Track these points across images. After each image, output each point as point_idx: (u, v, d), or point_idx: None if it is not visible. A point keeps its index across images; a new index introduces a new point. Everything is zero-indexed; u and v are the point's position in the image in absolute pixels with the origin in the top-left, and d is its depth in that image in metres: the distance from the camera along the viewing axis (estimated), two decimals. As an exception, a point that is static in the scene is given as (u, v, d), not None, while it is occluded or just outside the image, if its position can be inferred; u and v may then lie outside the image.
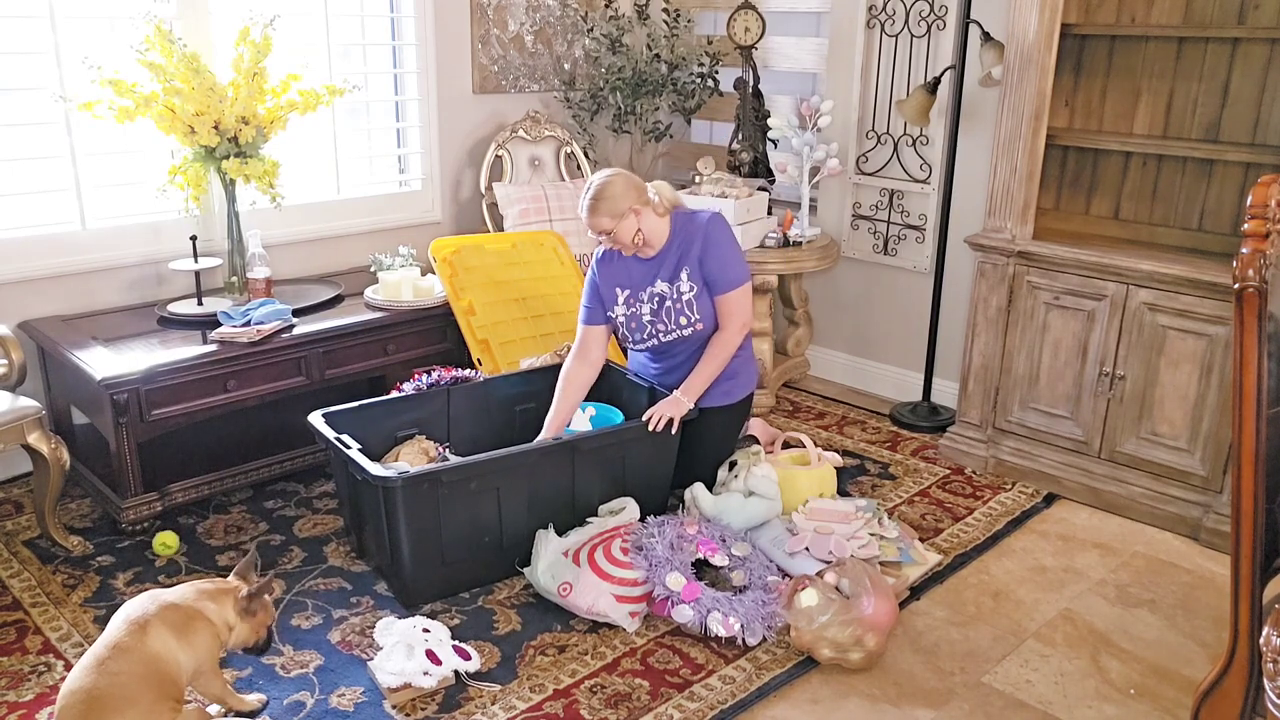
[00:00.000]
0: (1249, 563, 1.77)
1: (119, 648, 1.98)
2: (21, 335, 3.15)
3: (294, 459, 3.32)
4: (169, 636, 2.04)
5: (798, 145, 3.95)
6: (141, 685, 1.96)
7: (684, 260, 2.99)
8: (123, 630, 2.01)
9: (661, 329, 3.03)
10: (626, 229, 2.92)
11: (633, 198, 2.91)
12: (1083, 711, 2.37)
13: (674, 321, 3.00)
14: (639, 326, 3.06)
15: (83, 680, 1.94)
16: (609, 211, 2.90)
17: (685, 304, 2.98)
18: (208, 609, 2.13)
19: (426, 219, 4.21)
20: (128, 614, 2.06)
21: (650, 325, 3.04)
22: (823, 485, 3.09)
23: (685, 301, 2.98)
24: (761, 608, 2.59)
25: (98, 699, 1.92)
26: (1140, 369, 3.18)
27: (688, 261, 2.98)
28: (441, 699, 2.35)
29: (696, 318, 2.99)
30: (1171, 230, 3.40)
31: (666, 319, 3.01)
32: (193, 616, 2.10)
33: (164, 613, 2.06)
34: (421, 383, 3.08)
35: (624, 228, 2.92)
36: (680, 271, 2.99)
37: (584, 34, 4.48)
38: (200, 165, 3.29)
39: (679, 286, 2.99)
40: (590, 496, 2.89)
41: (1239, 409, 1.74)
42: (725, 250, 2.99)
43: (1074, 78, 3.49)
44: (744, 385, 3.15)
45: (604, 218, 2.91)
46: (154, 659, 2.00)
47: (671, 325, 3.01)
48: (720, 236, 3.00)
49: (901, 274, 4.12)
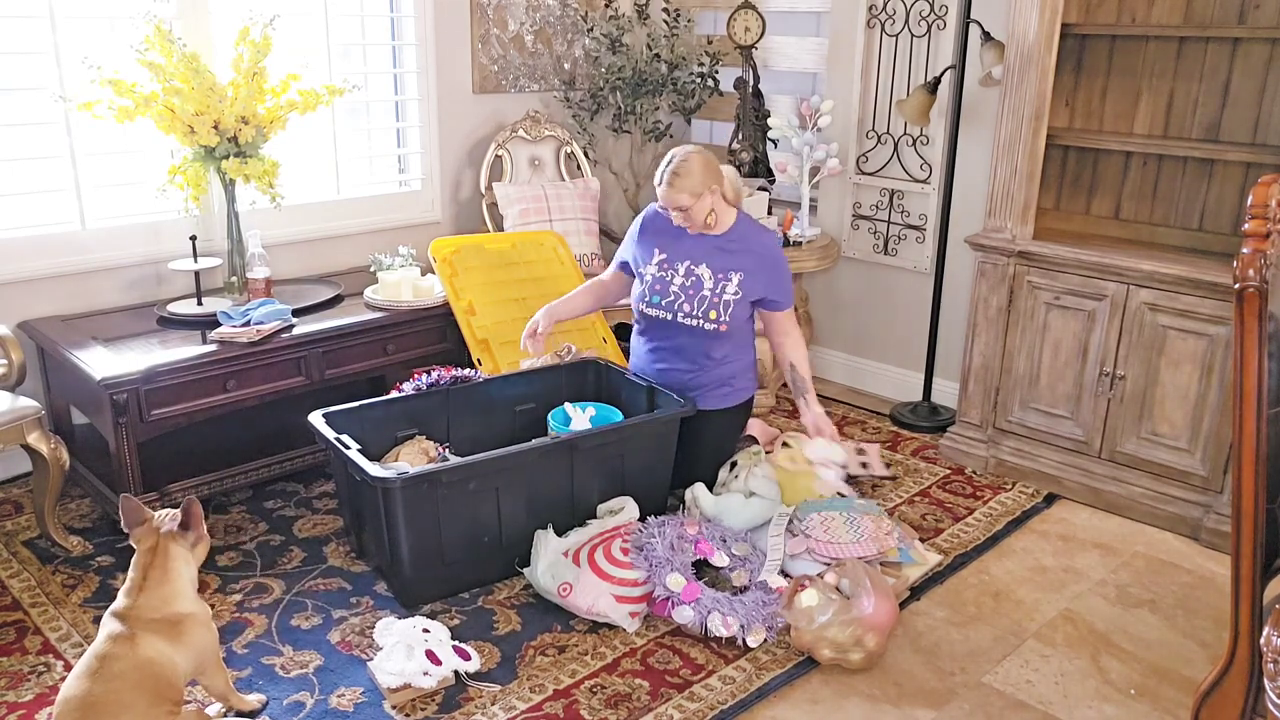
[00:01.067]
0: (1249, 563, 1.77)
1: (110, 657, 1.96)
2: (21, 335, 3.15)
3: (294, 459, 3.32)
4: (160, 642, 2.02)
5: (798, 145, 3.95)
6: (135, 692, 1.94)
7: (741, 265, 3.01)
8: (110, 641, 1.99)
9: (684, 309, 3.03)
10: (702, 208, 2.96)
11: (711, 178, 2.95)
12: (1083, 712, 2.37)
13: (700, 310, 3.01)
14: (663, 291, 3.06)
15: (77, 688, 1.93)
16: (689, 189, 2.93)
17: (722, 303, 2.99)
18: (187, 597, 2.10)
19: (426, 219, 4.21)
20: (109, 629, 2.02)
21: (675, 298, 3.04)
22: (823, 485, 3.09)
23: (723, 301, 2.99)
24: (762, 608, 2.59)
25: (92, 706, 1.90)
26: (1140, 369, 3.18)
27: (745, 269, 3.01)
28: (441, 699, 2.35)
29: (725, 319, 3.00)
30: (1172, 230, 3.40)
31: (695, 304, 3.01)
32: (179, 619, 2.07)
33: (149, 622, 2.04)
34: (421, 383, 3.08)
35: (700, 206, 2.96)
36: (732, 272, 3.01)
37: (584, 34, 4.48)
38: (200, 165, 3.28)
39: (724, 285, 3.00)
40: (589, 496, 2.89)
41: (1239, 409, 1.74)
42: (787, 274, 3.10)
43: (1074, 78, 3.49)
44: (744, 389, 3.16)
45: (683, 194, 2.93)
46: (147, 664, 1.98)
47: (696, 311, 3.01)
48: (783, 260, 3.11)
49: (902, 274, 4.12)
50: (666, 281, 3.06)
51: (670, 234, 3.09)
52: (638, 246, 3.16)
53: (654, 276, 3.08)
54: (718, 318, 3.00)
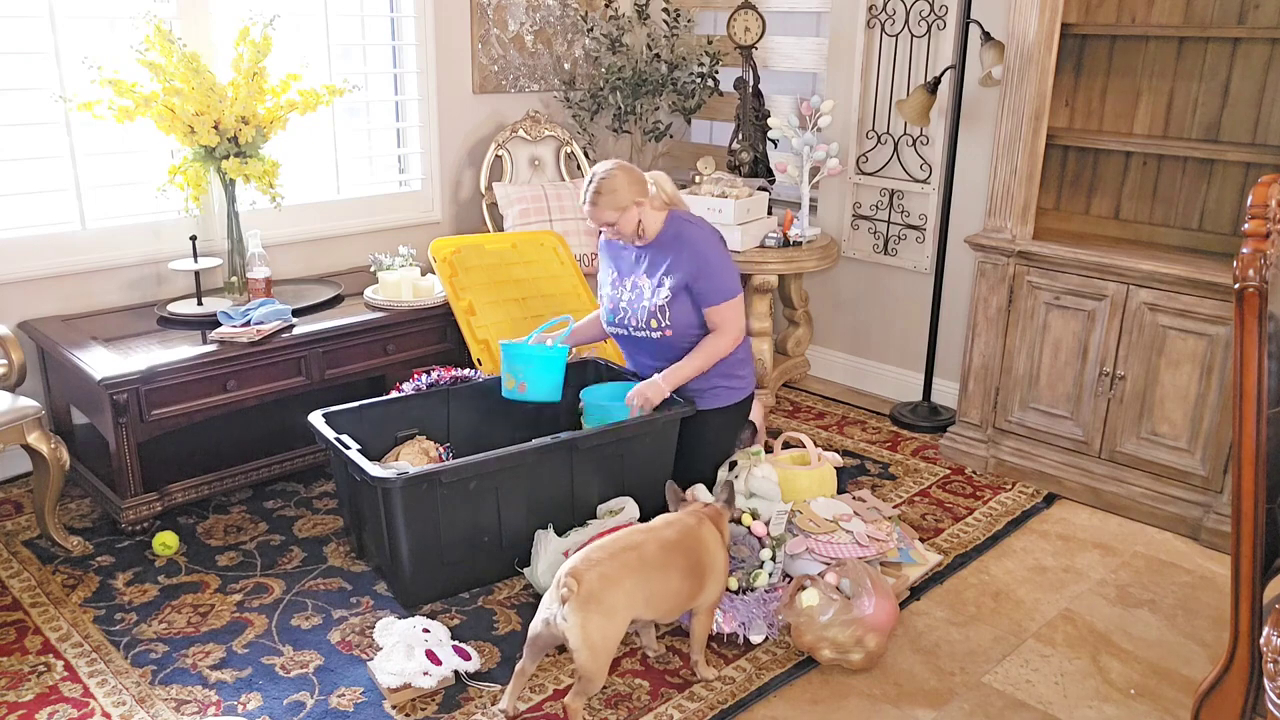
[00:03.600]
0: (1249, 563, 1.77)
1: (680, 522, 2.41)
2: (21, 335, 3.15)
3: (294, 459, 3.32)
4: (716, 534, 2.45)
5: (798, 145, 3.95)
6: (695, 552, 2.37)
7: (671, 266, 2.98)
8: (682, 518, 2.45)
9: (632, 323, 3.07)
10: (628, 221, 2.95)
11: (635, 191, 2.93)
12: (1083, 712, 2.37)
13: (643, 320, 3.03)
14: (615, 309, 3.12)
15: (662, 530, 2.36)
16: (612, 205, 2.92)
17: (658, 309, 2.98)
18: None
19: (426, 219, 4.21)
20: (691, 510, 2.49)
21: (625, 314, 3.09)
22: (823, 485, 3.09)
23: (658, 307, 2.98)
24: (763, 606, 2.59)
25: (672, 543, 2.32)
26: (1140, 369, 3.18)
27: (674, 269, 2.97)
28: (441, 699, 2.35)
29: (667, 323, 2.99)
30: (1172, 230, 3.40)
31: (639, 316, 3.04)
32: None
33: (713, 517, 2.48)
34: (421, 383, 3.08)
35: (626, 220, 2.95)
36: (664, 276, 2.99)
37: (584, 34, 4.48)
38: (200, 165, 3.28)
39: (658, 290, 2.99)
40: (589, 496, 2.89)
41: (1239, 409, 1.74)
42: (716, 264, 2.97)
43: (1074, 78, 3.49)
44: (742, 389, 3.15)
45: (607, 210, 2.93)
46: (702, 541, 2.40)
47: (641, 323, 3.04)
48: (711, 250, 2.99)
49: (901, 274, 4.12)
50: (616, 299, 3.11)
51: (620, 253, 3.14)
52: (600, 271, 3.22)
53: (608, 296, 3.15)
54: (659, 324, 3.00)
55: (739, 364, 3.12)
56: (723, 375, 3.07)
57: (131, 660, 2.46)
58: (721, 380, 3.07)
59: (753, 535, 2.72)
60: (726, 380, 3.09)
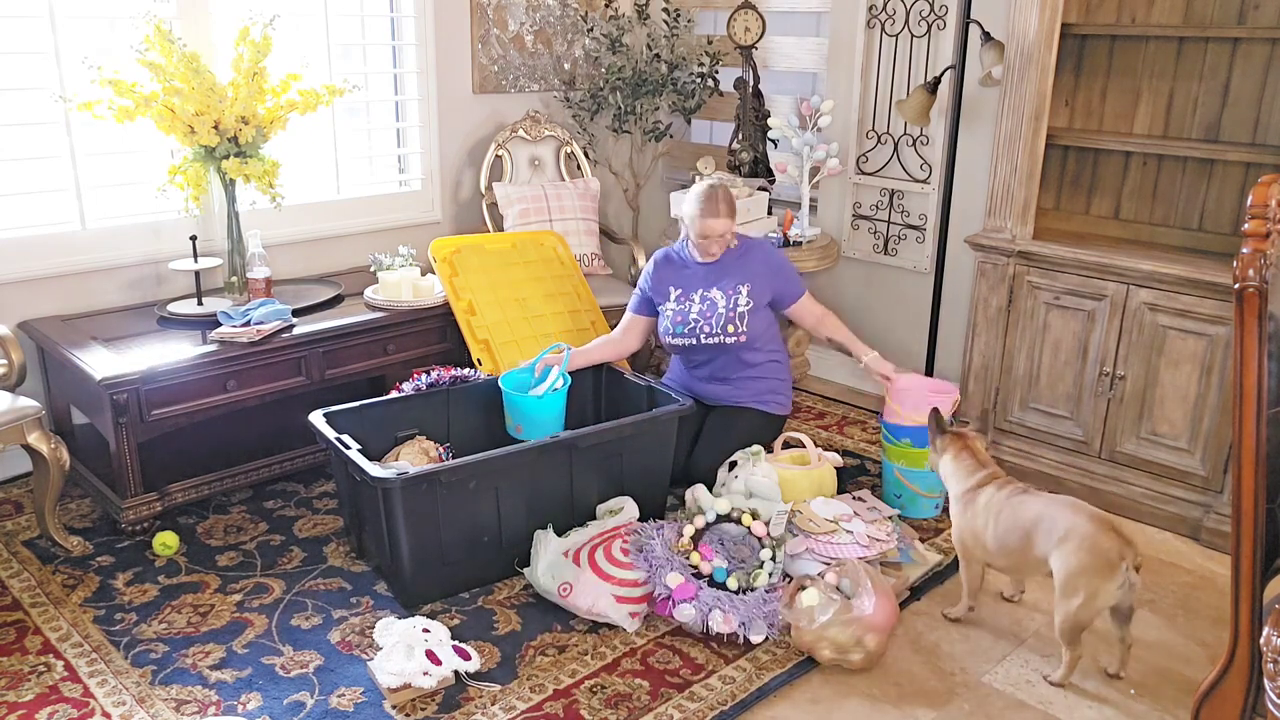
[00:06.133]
0: (1249, 563, 1.77)
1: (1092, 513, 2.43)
2: (21, 335, 3.15)
3: (294, 459, 3.32)
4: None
5: (798, 145, 3.95)
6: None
7: (746, 277, 3.24)
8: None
9: (705, 330, 3.23)
10: (731, 233, 3.23)
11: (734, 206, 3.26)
12: (1083, 711, 2.37)
13: (719, 327, 3.23)
14: (684, 322, 3.27)
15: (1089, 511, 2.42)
16: (733, 213, 3.20)
17: (738, 315, 3.21)
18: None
19: (426, 219, 4.21)
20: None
21: (696, 324, 3.25)
22: (823, 485, 3.09)
23: (739, 314, 3.21)
24: (763, 605, 2.59)
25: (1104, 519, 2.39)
26: (1140, 369, 3.18)
27: (750, 279, 3.23)
28: (441, 699, 2.35)
29: (744, 329, 3.22)
30: (1172, 230, 3.40)
31: (713, 323, 3.23)
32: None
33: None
34: (421, 383, 3.08)
35: (731, 232, 3.23)
36: (739, 285, 3.23)
37: (584, 34, 4.48)
38: (200, 165, 3.28)
39: (736, 299, 3.22)
40: (588, 496, 2.89)
41: (1239, 409, 1.74)
42: (788, 266, 3.35)
43: (1074, 77, 3.49)
44: (784, 406, 3.38)
45: (729, 219, 3.18)
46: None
47: (716, 329, 3.23)
48: (782, 258, 3.37)
49: (901, 274, 4.12)
50: (685, 312, 3.28)
51: (680, 272, 3.34)
52: (654, 287, 3.37)
53: (674, 310, 3.30)
54: (736, 330, 3.21)
55: (786, 385, 3.38)
56: (763, 390, 3.30)
57: (131, 660, 2.46)
58: (771, 395, 3.34)
59: (753, 535, 2.73)
60: (776, 395, 3.35)
